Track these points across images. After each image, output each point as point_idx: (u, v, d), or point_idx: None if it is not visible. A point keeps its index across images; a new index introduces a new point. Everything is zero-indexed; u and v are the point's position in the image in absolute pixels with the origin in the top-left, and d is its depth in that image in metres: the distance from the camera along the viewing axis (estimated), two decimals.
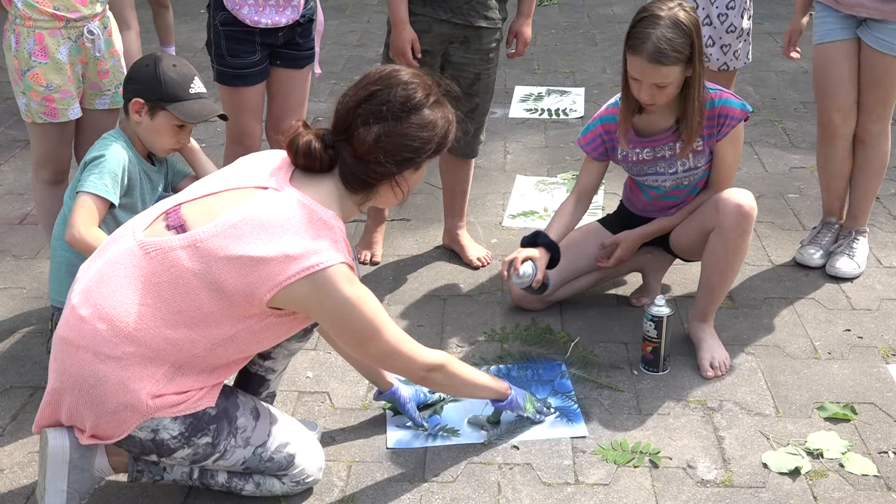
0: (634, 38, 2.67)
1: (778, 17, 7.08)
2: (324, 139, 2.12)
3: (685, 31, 2.64)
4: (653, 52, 2.62)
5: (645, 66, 2.65)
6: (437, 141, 2.15)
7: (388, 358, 2.24)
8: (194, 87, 2.66)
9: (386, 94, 2.10)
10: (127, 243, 2.10)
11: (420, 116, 2.11)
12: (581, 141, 3.04)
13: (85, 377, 2.05)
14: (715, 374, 2.82)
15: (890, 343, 3.01)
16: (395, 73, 2.15)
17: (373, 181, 2.14)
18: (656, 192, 3.02)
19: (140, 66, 2.68)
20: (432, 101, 2.14)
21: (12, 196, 4.16)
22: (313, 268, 2.01)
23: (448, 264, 3.54)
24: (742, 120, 2.85)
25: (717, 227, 2.80)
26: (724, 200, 2.80)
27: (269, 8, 3.06)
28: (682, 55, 2.65)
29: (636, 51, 2.66)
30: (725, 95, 2.85)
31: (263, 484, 2.30)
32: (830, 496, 2.36)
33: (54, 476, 2.14)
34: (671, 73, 2.66)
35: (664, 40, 2.62)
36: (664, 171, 2.92)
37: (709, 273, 2.89)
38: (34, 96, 2.89)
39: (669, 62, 2.63)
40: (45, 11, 2.81)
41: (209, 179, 2.22)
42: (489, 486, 2.40)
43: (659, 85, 2.68)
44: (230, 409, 2.18)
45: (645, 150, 2.90)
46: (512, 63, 6.00)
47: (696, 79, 2.71)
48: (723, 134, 2.84)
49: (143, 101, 2.62)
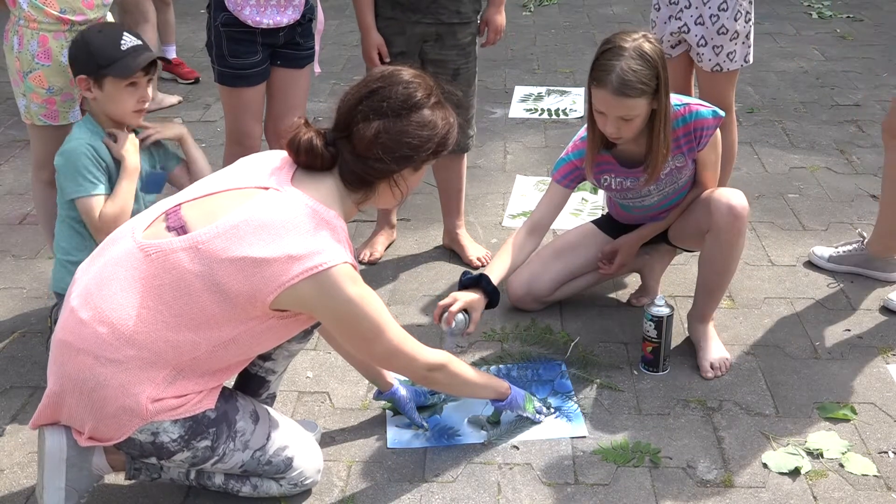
0: (599, 70, 2.60)
1: (778, 17, 7.08)
2: (325, 136, 2.12)
3: (650, 63, 2.57)
4: (618, 85, 2.55)
5: (610, 99, 2.58)
6: (437, 141, 2.15)
7: (390, 357, 2.24)
8: (125, 43, 2.63)
9: (387, 92, 2.11)
10: (126, 245, 2.09)
11: (420, 115, 2.12)
12: (556, 175, 2.91)
13: (85, 381, 2.04)
14: (715, 374, 2.82)
15: (890, 343, 3.01)
16: (398, 72, 2.16)
17: (371, 179, 2.14)
18: (642, 209, 3.01)
19: (72, 46, 2.68)
20: (433, 101, 2.15)
21: (12, 196, 4.16)
22: (317, 268, 2.01)
23: (448, 264, 3.54)
24: (717, 127, 2.80)
25: (711, 229, 2.79)
26: (716, 202, 2.77)
27: (270, 8, 3.06)
28: (649, 87, 2.58)
29: (601, 83, 2.59)
30: (693, 108, 2.77)
31: (260, 486, 2.29)
32: (830, 496, 2.36)
33: (52, 474, 2.14)
34: (637, 106, 2.59)
35: (629, 72, 2.54)
36: (650, 192, 2.90)
37: (706, 274, 2.89)
38: (35, 98, 2.89)
39: (635, 94, 2.56)
40: (51, 14, 2.80)
41: (209, 179, 2.21)
42: (489, 486, 2.40)
43: (624, 118, 2.61)
44: (229, 412, 2.18)
45: (628, 180, 2.87)
46: (512, 63, 6.00)
47: (661, 111, 2.64)
48: (703, 145, 2.80)
49: (85, 77, 2.63)
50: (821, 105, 5.23)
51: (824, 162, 4.43)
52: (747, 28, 3.41)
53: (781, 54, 6.18)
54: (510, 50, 6.25)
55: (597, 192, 4.10)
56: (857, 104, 5.21)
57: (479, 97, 3.49)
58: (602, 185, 2.93)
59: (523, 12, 7.33)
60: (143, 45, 2.68)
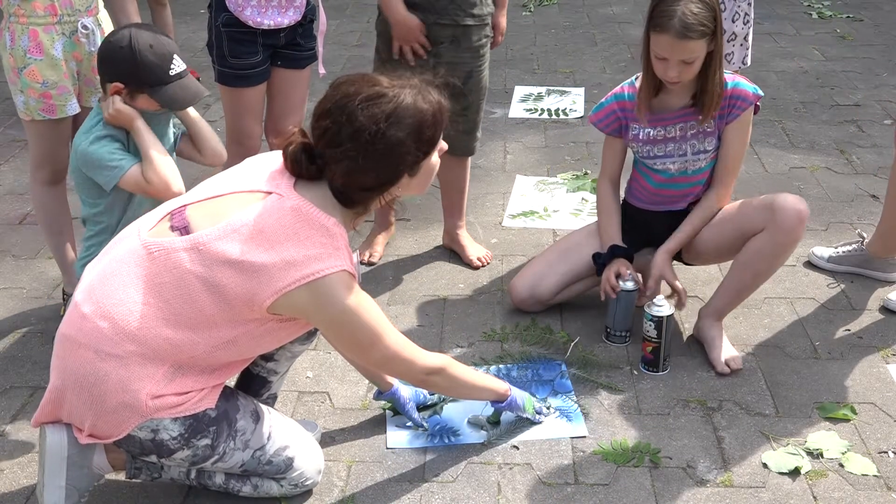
0: (659, 16, 2.67)
1: (778, 17, 7.09)
2: (312, 151, 2.08)
3: (709, 4, 2.67)
4: (680, 28, 2.63)
5: (673, 43, 2.66)
6: (409, 158, 2.07)
7: (388, 362, 2.24)
8: (175, 68, 2.53)
9: (336, 134, 2.02)
10: (131, 243, 2.10)
11: (383, 141, 2.01)
12: (594, 118, 3.02)
13: (86, 375, 2.05)
14: (730, 370, 2.82)
15: (890, 343, 3.01)
16: (345, 101, 2.02)
17: (358, 202, 2.12)
18: (662, 176, 2.99)
19: (115, 48, 2.50)
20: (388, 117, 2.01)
21: (12, 196, 4.16)
22: (313, 275, 2.01)
23: (448, 264, 3.54)
24: (753, 103, 2.85)
25: (769, 228, 2.77)
26: (781, 201, 2.77)
27: (271, 9, 3.06)
28: (708, 28, 2.66)
29: (663, 28, 2.66)
30: (737, 78, 2.86)
31: (261, 486, 2.29)
32: (830, 496, 2.36)
33: (53, 472, 2.15)
34: (698, 48, 2.67)
35: (691, 15, 2.63)
36: (673, 152, 2.92)
37: (742, 274, 2.86)
38: (32, 93, 2.88)
39: (697, 36, 2.64)
40: (39, 7, 2.80)
41: (215, 181, 2.21)
42: (489, 486, 2.40)
43: (686, 61, 2.69)
44: (230, 411, 2.18)
45: (656, 129, 2.91)
46: (512, 63, 6.01)
47: (717, 53, 2.73)
48: (734, 116, 2.84)
49: (122, 85, 2.52)
50: (821, 105, 5.23)
51: (824, 162, 4.43)
52: (746, 30, 3.41)
53: (781, 54, 6.18)
54: (510, 50, 6.25)
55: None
56: (857, 104, 5.21)
57: None
58: (630, 134, 2.97)
59: (523, 12, 7.33)
60: (186, 70, 2.58)
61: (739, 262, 2.87)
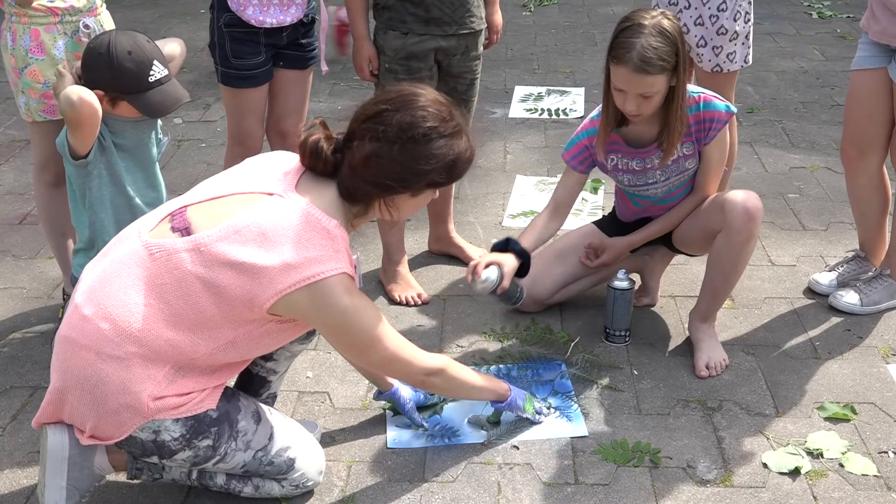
0: (619, 47, 2.61)
1: (778, 16, 7.09)
2: (335, 142, 2.11)
3: (670, 39, 2.59)
4: (638, 62, 2.56)
5: (630, 76, 2.60)
6: (431, 176, 2.09)
7: (387, 364, 2.25)
8: (154, 74, 2.49)
9: (391, 117, 2.06)
10: (132, 244, 2.10)
11: (417, 148, 2.05)
12: (566, 156, 2.95)
13: (87, 377, 2.05)
14: (709, 374, 2.82)
15: (890, 343, 3.01)
16: (413, 97, 2.09)
17: (361, 198, 2.12)
18: (648, 200, 3.00)
19: (94, 54, 2.49)
20: (448, 131, 2.07)
21: (12, 196, 4.16)
22: (312, 278, 2.01)
23: (448, 264, 3.54)
24: (727, 122, 2.82)
25: (723, 229, 2.78)
26: (731, 202, 2.77)
27: (273, 7, 3.06)
28: (668, 63, 2.59)
29: (621, 60, 2.60)
30: (708, 98, 2.81)
31: (262, 487, 2.30)
32: (830, 496, 2.36)
33: (53, 473, 2.15)
34: (657, 83, 2.61)
35: (650, 49, 2.56)
36: (656, 179, 2.90)
37: (713, 274, 2.89)
38: (33, 94, 2.88)
39: (655, 71, 2.58)
40: (40, 7, 2.80)
41: (215, 181, 2.21)
42: (489, 486, 2.40)
43: (644, 95, 2.62)
44: (231, 412, 2.18)
45: (634, 161, 2.87)
46: (512, 63, 6.01)
47: (679, 88, 2.66)
48: (710, 137, 2.81)
49: (102, 93, 2.49)
50: (821, 105, 5.23)
51: (824, 162, 4.43)
52: (747, 28, 3.40)
53: (781, 54, 6.18)
54: (510, 50, 6.25)
55: (597, 192, 4.10)
56: None
57: (479, 97, 3.48)
58: (609, 166, 2.94)
59: (523, 12, 7.33)
60: (167, 76, 2.56)
61: (709, 263, 2.91)
